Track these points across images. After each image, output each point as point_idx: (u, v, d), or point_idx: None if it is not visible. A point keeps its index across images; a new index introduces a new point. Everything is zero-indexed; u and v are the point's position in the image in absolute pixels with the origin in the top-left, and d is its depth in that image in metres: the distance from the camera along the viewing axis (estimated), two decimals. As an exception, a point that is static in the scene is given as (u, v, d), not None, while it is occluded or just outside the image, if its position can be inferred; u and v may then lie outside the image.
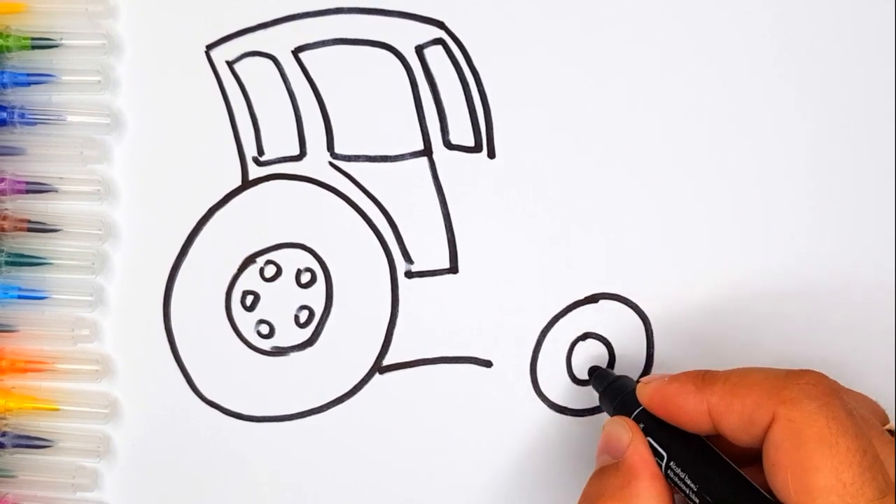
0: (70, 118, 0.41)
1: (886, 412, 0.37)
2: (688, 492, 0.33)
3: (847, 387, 0.34)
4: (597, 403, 0.41)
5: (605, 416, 0.41)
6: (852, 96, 0.41)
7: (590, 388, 0.41)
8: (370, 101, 0.41)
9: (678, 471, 0.34)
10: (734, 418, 0.33)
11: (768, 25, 0.41)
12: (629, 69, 0.41)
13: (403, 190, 0.42)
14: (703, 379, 0.34)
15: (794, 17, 0.41)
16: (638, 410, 0.36)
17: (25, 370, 0.42)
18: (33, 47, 0.40)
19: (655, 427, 0.35)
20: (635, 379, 0.40)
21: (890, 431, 0.35)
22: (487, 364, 0.42)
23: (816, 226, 0.41)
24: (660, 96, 0.41)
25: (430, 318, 0.42)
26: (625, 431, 0.35)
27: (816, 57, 0.41)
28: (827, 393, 0.32)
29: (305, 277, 0.42)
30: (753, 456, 0.33)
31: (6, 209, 0.41)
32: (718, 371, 0.34)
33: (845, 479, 0.30)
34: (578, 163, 0.41)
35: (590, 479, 0.35)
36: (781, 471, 0.31)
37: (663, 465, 0.34)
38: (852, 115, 0.41)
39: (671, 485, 0.34)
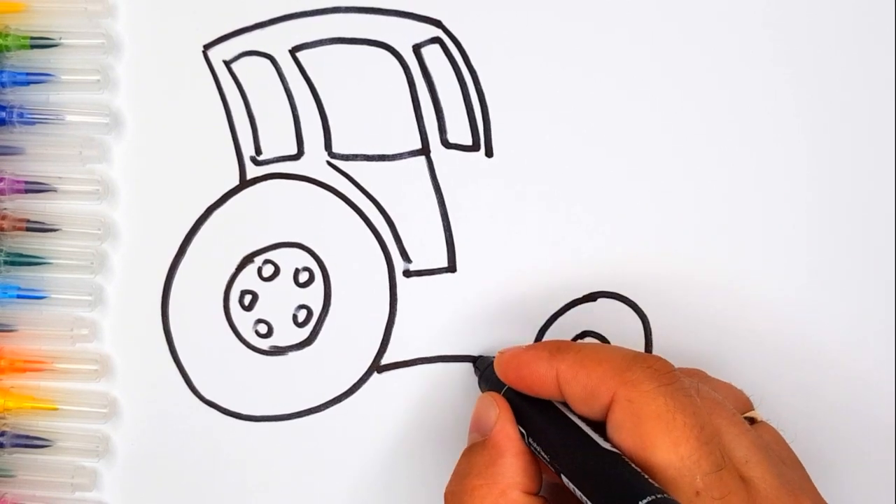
0: (69, 118, 0.41)
1: (751, 401, 0.37)
2: (547, 462, 0.34)
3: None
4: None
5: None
6: (853, 94, 0.41)
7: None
8: (368, 100, 0.41)
9: (535, 444, 0.34)
10: (578, 389, 0.33)
11: (768, 22, 0.41)
12: (627, 67, 0.41)
13: (401, 189, 0.42)
14: (558, 348, 0.34)
15: (793, 14, 0.41)
16: (505, 388, 0.37)
17: (24, 370, 0.42)
18: (32, 47, 0.40)
19: (518, 403, 0.36)
20: None
21: (750, 419, 0.35)
22: (486, 363, 0.42)
23: (816, 224, 0.41)
24: (658, 95, 0.41)
25: (429, 317, 0.42)
26: (492, 408, 0.36)
27: (816, 56, 0.41)
28: (667, 374, 0.32)
29: (303, 277, 0.42)
30: None
31: (5, 209, 0.41)
32: (575, 343, 0.34)
33: (682, 453, 0.31)
34: (576, 161, 0.41)
35: (461, 457, 0.36)
36: (622, 448, 0.32)
37: (527, 439, 0.35)
38: (853, 114, 0.41)
39: (539, 458, 0.35)
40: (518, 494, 0.33)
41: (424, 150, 0.42)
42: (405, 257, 0.42)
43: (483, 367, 0.40)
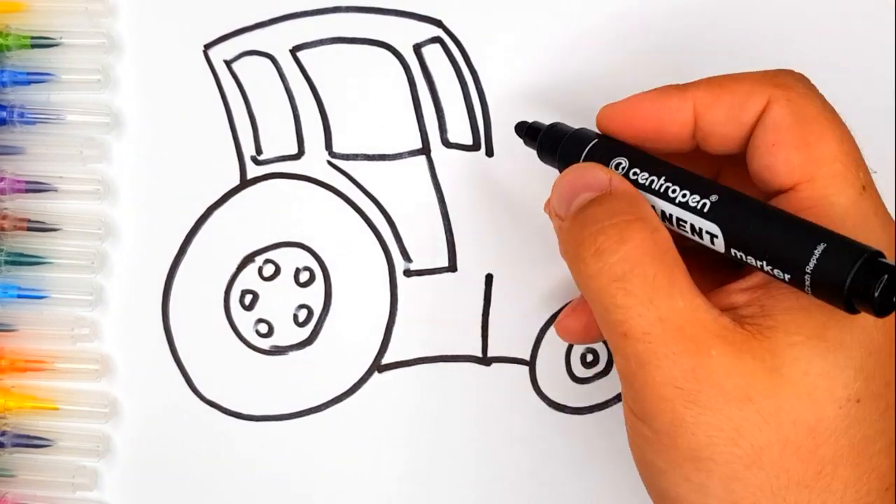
0: (70, 117, 0.41)
1: None
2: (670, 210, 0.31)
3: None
4: (596, 401, 0.41)
5: (605, 412, 0.41)
6: (853, 95, 0.41)
7: (590, 385, 0.41)
8: (368, 99, 0.42)
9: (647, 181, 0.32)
10: (722, 110, 0.32)
11: (768, 23, 0.41)
12: (628, 67, 0.41)
13: (402, 188, 0.42)
14: (686, 83, 0.33)
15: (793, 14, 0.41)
16: (592, 144, 0.34)
17: (25, 369, 0.42)
18: (33, 46, 0.40)
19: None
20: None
21: None
22: (486, 362, 0.42)
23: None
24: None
25: (429, 317, 0.42)
26: (598, 170, 0.32)
27: (816, 56, 0.41)
28: (810, 83, 0.32)
29: (304, 276, 0.42)
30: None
31: (6, 208, 0.41)
32: None
33: (846, 149, 0.31)
34: (576, 160, 0.41)
35: (571, 221, 0.32)
36: (783, 147, 0.31)
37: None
38: (853, 114, 0.41)
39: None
40: (670, 238, 0.30)
41: (425, 150, 0.42)
42: (406, 257, 0.42)
43: (539, 134, 0.36)
